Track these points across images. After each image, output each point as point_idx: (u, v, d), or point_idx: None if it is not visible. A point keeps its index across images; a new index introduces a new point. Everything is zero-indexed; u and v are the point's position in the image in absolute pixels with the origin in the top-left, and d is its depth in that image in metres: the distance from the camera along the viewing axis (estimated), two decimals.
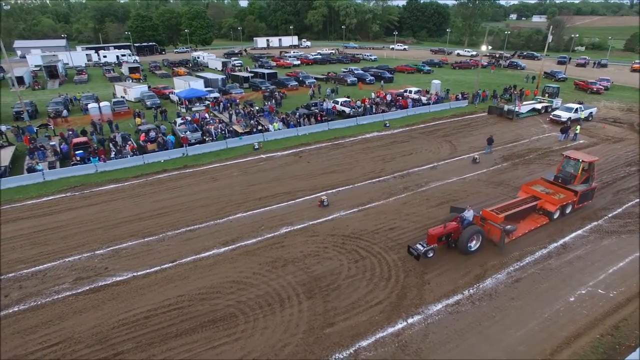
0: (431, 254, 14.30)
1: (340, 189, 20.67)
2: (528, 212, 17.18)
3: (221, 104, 34.92)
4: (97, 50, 79.31)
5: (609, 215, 17.99)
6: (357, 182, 21.58)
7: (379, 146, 27.47)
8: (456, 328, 11.73)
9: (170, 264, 14.80)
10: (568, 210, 17.82)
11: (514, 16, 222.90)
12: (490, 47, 79.77)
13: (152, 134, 26.40)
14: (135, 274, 14.34)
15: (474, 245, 15.01)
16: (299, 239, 16.12)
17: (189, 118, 29.84)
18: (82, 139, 25.91)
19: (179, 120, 29.00)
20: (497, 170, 23.35)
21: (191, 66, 67.89)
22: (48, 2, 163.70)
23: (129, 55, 77.21)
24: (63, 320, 12.27)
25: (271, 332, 11.56)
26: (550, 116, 33.74)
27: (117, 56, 76.58)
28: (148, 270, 14.49)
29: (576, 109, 32.92)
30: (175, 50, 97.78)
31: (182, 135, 26.30)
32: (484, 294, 13.15)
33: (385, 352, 10.90)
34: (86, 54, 76.11)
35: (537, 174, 21.95)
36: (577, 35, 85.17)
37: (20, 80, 52.52)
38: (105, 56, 76.65)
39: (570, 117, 32.24)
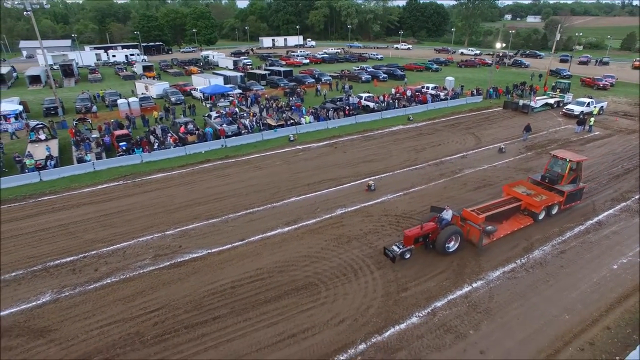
0: (408, 255, 14.18)
1: (382, 175, 21.94)
2: (512, 213, 16.70)
3: (249, 99, 36.11)
4: (106, 49, 79.80)
5: (636, 197, 19.43)
6: (396, 169, 22.87)
7: (407, 138, 28.81)
8: (517, 290, 13.03)
9: (240, 242, 15.90)
10: (554, 212, 17.26)
11: (508, 16, 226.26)
12: (504, 45, 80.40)
13: (191, 126, 27.45)
14: (209, 251, 15.42)
15: (452, 245, 14.63)
16: (355, 219, 17.34)
17: (224, 112, 30.92)
18: (124, 131, 26.89)
19: (214, 114, 30.08)
20: (524, 158, 24.76)
21: (202, 65, 68.79)
22: (44, 2, 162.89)
23: (138, 55, 77.85)
24: (155, 290, 13.34)
25: (352, 297, 12.74)
26: (564, 110, 35.31)
27: (126, 55, 77.15)
28: (221, 248, 15.59)
29: (588, 103, 34.49)
30: (181, 50, 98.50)
31: (219, 128, 27.36)
32: (535, 263, 14.47)
33: (459, 310, 12.15)
34: (95, 54, 76.57)
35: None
36: (581, 33, 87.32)
37: (37, 79, 53.29)
38: (114, 55, 77.23)
39: (582, 111, 33.76)
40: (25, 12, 31.37)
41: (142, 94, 43.06)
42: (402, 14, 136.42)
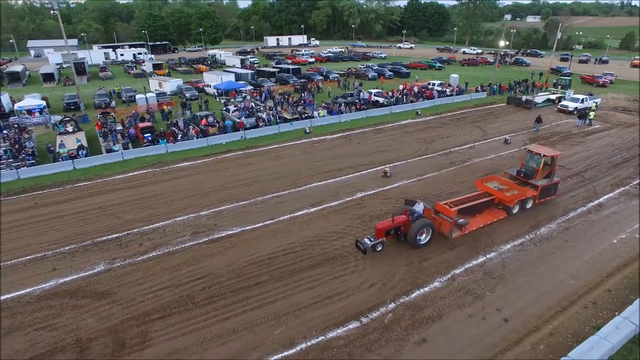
0: (380, 248, 14.45)
1: (396, 164, 23.33)
2: (485, 206, 17.02)
3: (263, 94, 37.59)
4: (114, 48, 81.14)
5: (634, 183, 20.84)
6: (408, 158, 24.29)
7: (416, 130, 30.24)
8: (527, 260, 14.43)
9: (271, 221, 17.26)
10: (529, 206, 17.62)
11: (508, 16, 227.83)
12: (507, 43, 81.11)
13: (211, 119, 28.85)
14: (243, 228, 16.77)
15: (423, 238, 14.85)
16: (375, 201, 18.73)
17: (241, 106, 32.35)
18: (147, 124, 28.26)
19: (232, 108, 31.52)
20: None
21: (210, 63, 70.14)
22: (45, 2, 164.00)
23: (146, 54, 79.21)
24: (198, 261, 14.67)
25: (379, 266, 14.10)
26: (558, 106, 36.41)
27: (134, 54, 78.47)
28: (254, 226, 16.94)
29: (582, 99, 35.58)
30: (187, 49, 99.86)
31: (238, 121, 28.76)
32: (542, 238, 15.88)
33: (475, 277, 13.54)
34: (104, 53, 77.90)
35: (562, 153, 24.71)
36: (581, 33, 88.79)
37: (50, 76, 54.58)
38: (122, 54, 78.54)
39: (577, 107, 34.79)
40: (52, 12, 32.65)
41: (156, 90, 44.39)
42: (403, 14, 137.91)
